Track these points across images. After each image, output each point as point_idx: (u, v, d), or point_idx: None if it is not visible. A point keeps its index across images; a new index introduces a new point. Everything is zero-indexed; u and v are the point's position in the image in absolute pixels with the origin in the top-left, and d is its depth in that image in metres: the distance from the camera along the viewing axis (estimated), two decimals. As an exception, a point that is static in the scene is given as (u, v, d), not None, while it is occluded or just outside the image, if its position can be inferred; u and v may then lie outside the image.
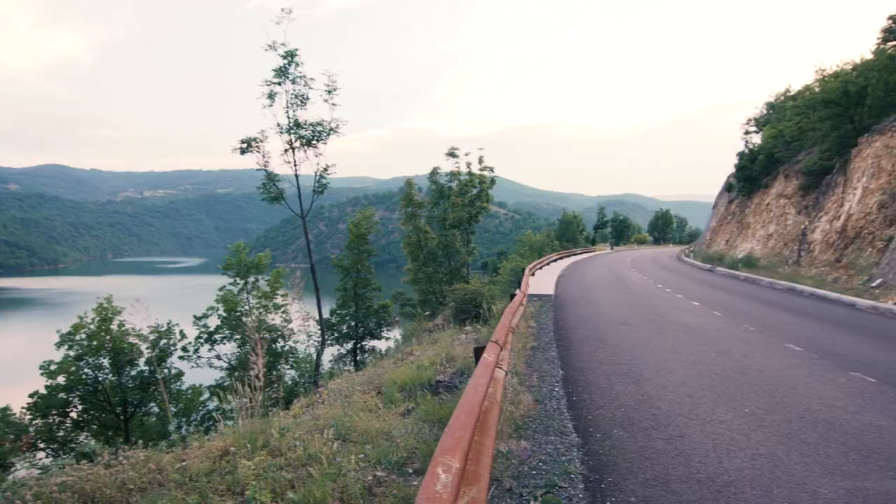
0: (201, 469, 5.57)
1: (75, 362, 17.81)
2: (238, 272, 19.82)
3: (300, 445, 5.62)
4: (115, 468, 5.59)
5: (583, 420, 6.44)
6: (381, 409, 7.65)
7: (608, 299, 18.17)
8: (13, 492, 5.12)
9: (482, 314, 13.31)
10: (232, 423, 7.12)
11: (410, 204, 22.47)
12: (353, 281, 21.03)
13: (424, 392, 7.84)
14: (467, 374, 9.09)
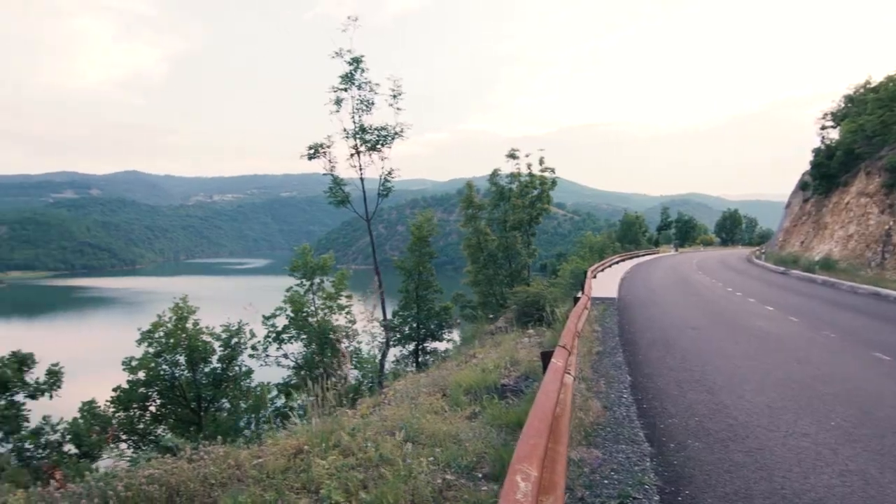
0: (277, 466, 5.73)
1: (154, 359, 18.76)
2: (304, 273, 20.37)
3: (371, 446, 5.72)
4: (198, 463, 5.85)
5: (654, 429, 6.26)
6: (447, 411, 7.66)
7: (675, 303, 17.63)
8: (106, 482, 5.43)
9: (545, 317, 13.17)
10: (304, 420, 7.32)
11: (471, 206, 22.45)
12: (414, 283, 21.22)
13: (490, 396, 7.82)
14: (532, 378, 9.02)
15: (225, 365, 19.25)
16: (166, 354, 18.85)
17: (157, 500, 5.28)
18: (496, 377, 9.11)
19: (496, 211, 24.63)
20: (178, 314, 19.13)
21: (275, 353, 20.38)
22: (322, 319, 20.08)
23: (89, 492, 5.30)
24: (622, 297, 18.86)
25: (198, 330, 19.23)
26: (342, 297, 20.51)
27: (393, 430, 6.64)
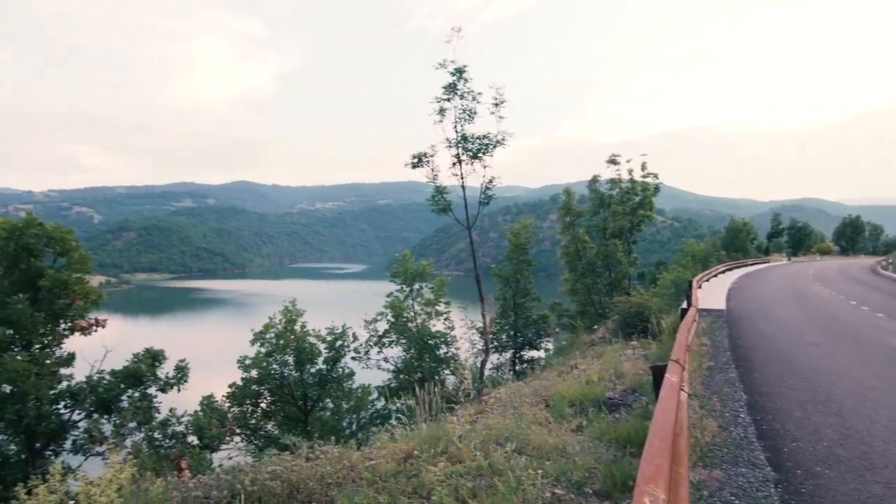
0: (388, 470, 5.86)
1: (265, 358, 19.88)
2: (404, 279, 20.84)
3: (481, 455, 5.73)
4: (315, 462, 6.11)
5: (777, 452, 5.85)
6: (551, 423, 7.55)
7: (791, 316, 16.38)
8: (234, 476, 5.79)
9: (650, 329, 12.66)
10: (411, 424, 7.46)
11: (569, 213, 22.02)
12: (512, 290, 21.13)
13: (595, 409, 7.63)
14: (639, 392, 8.69)
15: (329, 366, 20.03)
16: (276, 354, 19.90)
17: (279, 495, 5.55)
18: (600, 390, 8.87)
19: (595, 218, 24.02)
20: (287, 317, 20.17)
21: (376, 357, 20.95)
22: (421, 325, 20.45)
23: (219, 484, 5.67)
24: (731, 309, 17.78)
25: (305, 332, 20.17)
26: (441, 304, 20.80)
27: (499, 439, 6.61)
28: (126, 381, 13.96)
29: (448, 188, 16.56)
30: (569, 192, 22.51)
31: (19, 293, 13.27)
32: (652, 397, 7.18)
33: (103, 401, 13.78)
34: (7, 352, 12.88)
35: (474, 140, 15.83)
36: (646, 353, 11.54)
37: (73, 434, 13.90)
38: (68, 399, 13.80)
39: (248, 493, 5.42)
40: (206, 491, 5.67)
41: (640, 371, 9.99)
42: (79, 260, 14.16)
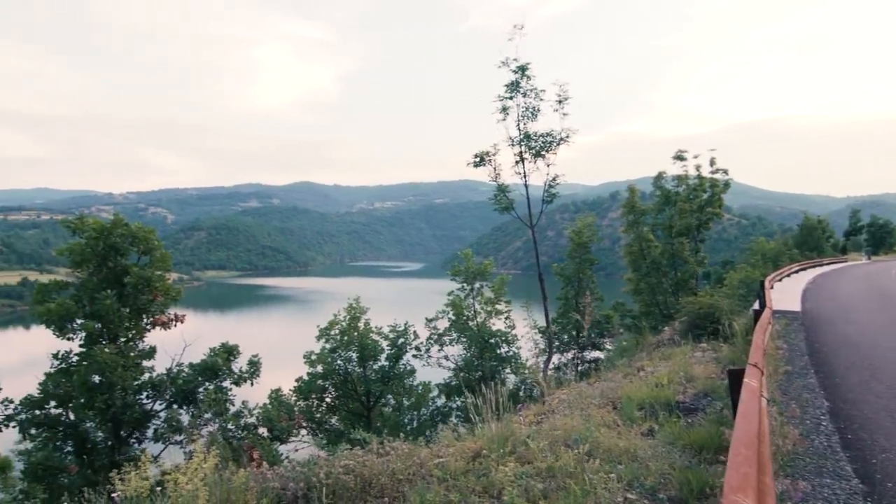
0: (458, 468, 5.88)
1: (330, 354, 20.39)
2: (465, 278, 20.88)
3: (551, 457, 5.68)
4: (386, 457, 6.21)
5: (865, 463, 5.52)
6: (619, 426, 7.39)
7: (874, 320, 15.38)
8: (309, 469, 5.96)
9: (721, 331, 12.19)
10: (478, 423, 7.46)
11: (633, 211, 21.41)
12: (574, 290, 20.80)
13: (666, 413, 7.42)
14: (711, 396, 8.39)
15: (392, 363, 20.34)
16: (341, 350, 20.37)
17: (353, 490, 5.66)
18: (670, 393, 8.61)
19: (660, 216, 23.26)
20: (351, 314, 20.61)
21: (436, 355, 21.10)
22: (481, 323, 20.45)
23: (295, 476, 5.85)
24: (807, 311, 16.86)
25: (368, 329, 20.55)
26: (501, 303, 20.73)
27: (567, 441, 6.53)
28: (203, 374, 14.64)
29: (510, 186, 16.44)
30: (633, 189, 21.83)
31: (107, 289, 14.13)
32: (727, 402, 6.93)
33: (182, 392, 14.50)
34: (96, 344, 13.79)
35: (537, 138, 15.63)
36: (717, 356, 11.12)
37: (154, 423, 14.72)
38: (150, 390, 14.60)
39: (323, 485, 5.57)
40: (283, 482, 5.85)
41: (712, 374, 9.66)
42: (160, 258, 14.96)
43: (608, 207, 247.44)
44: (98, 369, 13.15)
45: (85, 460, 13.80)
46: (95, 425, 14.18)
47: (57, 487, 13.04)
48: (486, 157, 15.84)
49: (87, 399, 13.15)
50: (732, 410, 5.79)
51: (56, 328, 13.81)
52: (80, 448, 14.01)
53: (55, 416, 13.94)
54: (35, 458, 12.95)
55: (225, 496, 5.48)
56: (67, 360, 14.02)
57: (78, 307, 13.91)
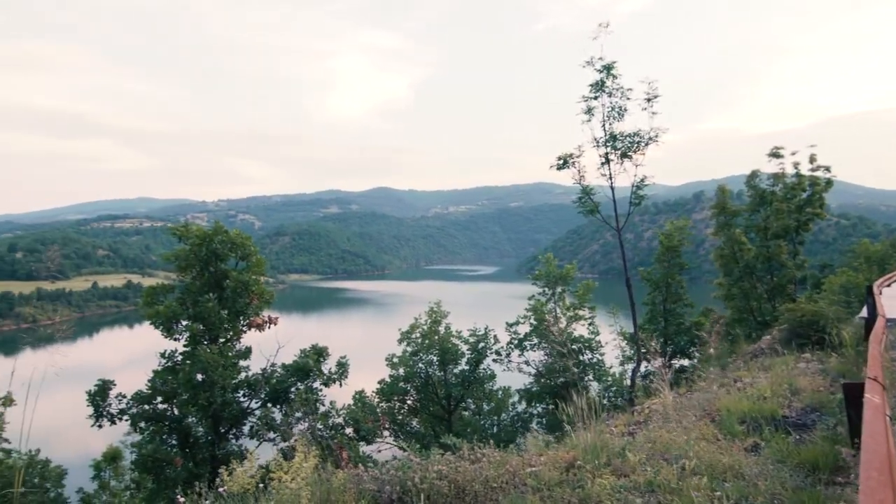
0: (552, 478, 5.75)
1: (412, 357, 20.66)
2: (546, 283, 20.57)
3: (651, 471, 5.46)
4: (479, 464, 6.18)
5: None
6: (720, 440, 7.02)
7: None
8: (403, 472, 6.02)
9: (827, 340, 11.33)
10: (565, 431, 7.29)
11: (724, 212, 20.23)
12: (662, 295, 19.97)
13: (771, 428, 6.97)
14: (821, 412, 7.81)
15: (472, 367, 20.33)
16: (422, 354, 20.58)
17: (447, 495, 5.66)
18: (774, 406, 8.08)
19: (754, 217, 21.85)
20: (432, 318, 20.80)
21: (517, 360, 20.89)
22: (564, 329, 20.06)
23: (391, 479, 5.92)
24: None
25: (449, 333, 20.66)
26: (584, 308, 20.26)
27: (665, 454, 6.27)
28: (295, 374, 15.20)
29: (594, 188, 15.97)
30: (723, 189, 20.59)
31: (209, 293, 15.01)
32: (840, 418, 6.42)
33: (275, 391, 15.13)
34: (199, 345, 14.65)
35: (624, 138, 15.12)
36: (823, 368, 10.34)
37: (250, 420, 15.43)
38: (246, 388, 15.32)
39: (419, 490, 5.60)
40: (379, 485, 5.94)
41: (820, 388, 8.99)
42: (256, 263, 15.72)
43: (691, 209, 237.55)
44: (201, 368, 13.96)
45: (188, 454, 14.67)
46: (197, 421, 15.04)
47: (163, 479, 13.93)
48: (569, 160, 15.47)
49: (190, 396, 13.97)
50: (849, 428, 5.37)
51: (164, 329, 14.79)
52: (184, 442, 14.90)
53: (161, 412, 14.91)
54: (145, 451, 13.91)
55: (325, 496, 5.62)
56: (173, 359, 14.99)
57: (182, 309, 14.85)
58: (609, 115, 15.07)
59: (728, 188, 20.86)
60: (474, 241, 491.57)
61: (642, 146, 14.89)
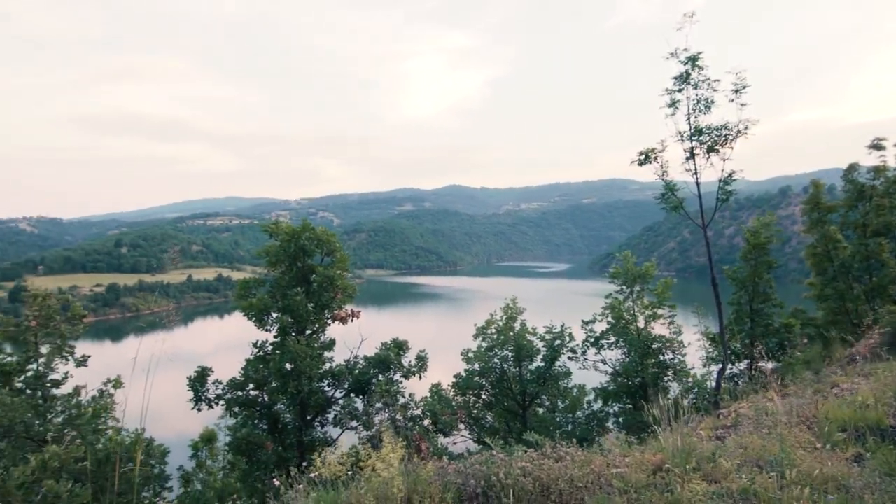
0: (639, 480, 5.59)
1: (487, 352, 20.65)
2: (625, 281, 19.99)
3: (745, 479, 5.20)
4: (563, 463, 6.09)
5: None
6: (818, 448, 6.59)
7: None
8: (487, 467, 6.02)
9: (938, 347, 10.41)
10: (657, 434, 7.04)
11: (817, 208, 18.79)
12: (748, 295, 18.89)
13: (877, 438, 6.49)
14: (934, 423, 7.20)
15: (547, 364, 20.08)
16: (497, 349, 20.54)
17: (531, 493, 5.61)
18: (878, 415, 7.50)
19: (852, 213, 20.16)
20: (507, 314, 20.72)
21: (593, 358, 20.44)
22: (643, 328, 19.44)
23: (475, 473, 5.94)
24: None
25: (524, 329, 20.50)
26: (664, 307, 19.55)
27: (757, 460, 5.97)
28: (376, 366, 15.59)
29: (677, 184, 15.28)
30: (817, 183, 19.07)
31: (297, 287, 15.66)
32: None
33: (358, 382, 15.57)
34: (288, 336, 15.32)
35: (711, 131, 14.35)
36: (934, 376, 9.51)
37: (334, 409, 15.96)
38: (330, 379, 15.85)
39: (503, 486, 5.59)
40: (464, 478, 5.96)
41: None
42: (340, 259, 16.23)
43: (776, 204, 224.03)
44: (290, 358, 14.58)
45: (277, 438, 15.36)
46: (286, 408, 15.70)
47: (255, 461, 14.65)
48: (651, 154, 14.88)
49: (280, 384, 14.62)
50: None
51: (256, 320, 15.55)
52: (273, 427, 15.61)
53: (253, 398, 15.67)
54: (240, 434, 14.69)
55: (412, 486, 5.71)
56: (264, 349, 15.73)
57: (273, 302, 15.55)
58: (695, 108, 14.37)
59: (822, 182, 19.36)
60: (546, 237, 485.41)
61: (731, 139, 14.11)
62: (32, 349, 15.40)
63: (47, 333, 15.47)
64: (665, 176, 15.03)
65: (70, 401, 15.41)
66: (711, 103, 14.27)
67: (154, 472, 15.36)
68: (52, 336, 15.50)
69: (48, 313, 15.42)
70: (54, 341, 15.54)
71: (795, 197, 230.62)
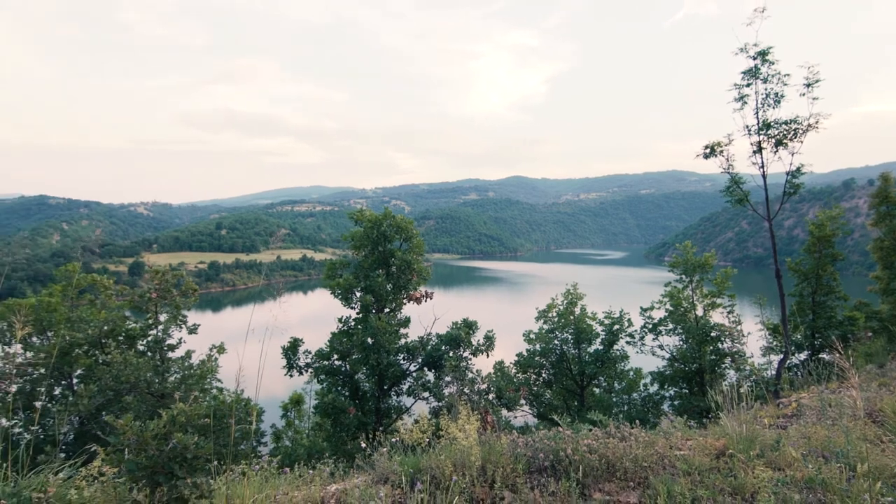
0: (702, 464, 5.45)
1: (548, 334, 20.49)
2: (684, 270, 19.28)
3: (812, 467, 4.98)
4: (627, 443, 6.02)
5: None
6: (884, 442, 6.20)
7: None
8: (556, 443, 6.03)
9: None
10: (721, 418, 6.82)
11: (885, 202, 17.32)
12: (811, 287, 17.72)
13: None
14: None
15: (605, 347, 19.72)
16: (557, 331, 20.35)
17: (597, 469, 5.59)
18: (952, 412, 6.98)
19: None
20: (568, 298, 20.46)
21: (650, 343, 19.90)
22: (701, 316, 18.71)
23: (544, 448, 5.96)
24: None
25: (584, 314, 20.20)
26: (724, 296, 18.73)
27: (822, 451, 5.68)
28: (448, 343, 15.80)
29: (742, 177, 14.49)
30: (886, 176, 17.58)
31: (378, 269, 16.07)
32: None
33: (430, 357, 15.85)
34: (369, 313, 15.79)
35: (780, 125, 13.49)
36: None
37: (408, 381, 16.33)
38: (405, 353, 16.20)
39: (570, 461, 5.60)
40: (533, 452, 6.01)
41: None
42: (416, 245, 16.50)
43: (839, 197, 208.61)
44: (371, 333, 15.01)
45: (357, 405, 15.90)
46: (366, 378, 16.21)
47: (339, 424, 15.24)
48: (717, 148, 14.15)
49: (362, 356, 15.08)
50: None
51: (342, 298, 16.09)
52: (354, 394, 16.16)
53: (337, 367, 16.26)
54: (326, 399, 15.31)
55: (487, 455, 5.81)
56: (347, 324, 16.27)
57: (357, 282, 16.03)
58: (763, 102, 13.53)
59: (892, 175, 17.82)
60: (603, 226, 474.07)
61: (800, 133, 13.20)
62: (153, 317, 16.62)
63: (165, 304, 16.64)
64: (731, 169, 14.29)
65: (183, 363, 16.58)
66: (781, 97, 13.40)
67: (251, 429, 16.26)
68: (169, 306, 16.65)
69: (166, 287, 16.57)
70: (171, 311, 16.69)
71: (860, 190, 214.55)
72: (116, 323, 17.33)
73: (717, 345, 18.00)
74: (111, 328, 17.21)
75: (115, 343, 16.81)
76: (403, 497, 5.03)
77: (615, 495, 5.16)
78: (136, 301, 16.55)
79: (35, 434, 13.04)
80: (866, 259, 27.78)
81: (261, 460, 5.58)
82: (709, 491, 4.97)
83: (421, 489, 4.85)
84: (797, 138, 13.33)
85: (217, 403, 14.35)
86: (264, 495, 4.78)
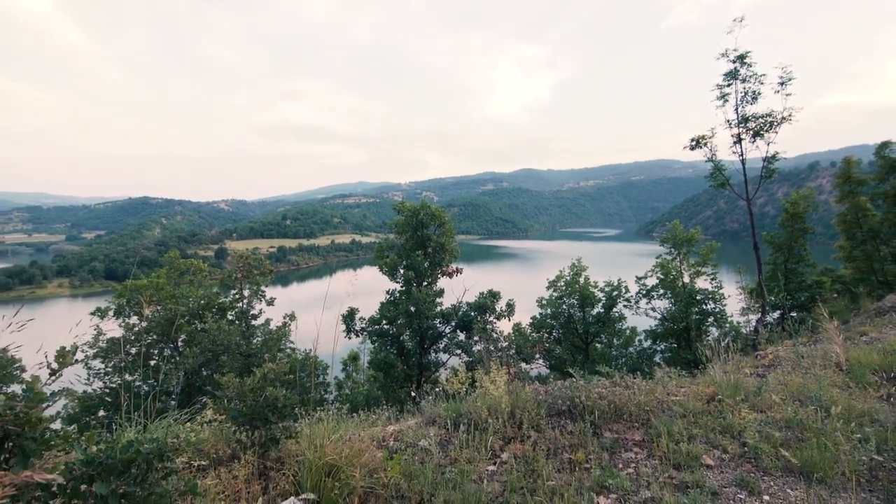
0: (696, 408, 5.40)
1: (557, 300, 20.39)
2: (673, 244, 18.86)
3: (790, 409, 4.90)
4: (631, 391, 6.00)
5: None
6: (851, 387, 6.04)
7: None
8: (571, 391, 6.04)
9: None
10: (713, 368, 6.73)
11: (848, 181, 16.61)
12: (784, 256, 17.17)
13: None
14: (958, 370, 6.33)
15: (606, 310, 19.52)
16: (565, 298, 20.21)
17: (607, 412, 5.59)
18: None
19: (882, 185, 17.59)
20: (574, 270, 20.27)
21: (644, 306, 19.62)
22: (687, 283, 18.34)
23: (562, 395, 5.98)
24: None
25: (587, 283, 19.99)
26: (708, 266, 18.29)
27: (799, 396, 5.58)
28: (476, 309, 15.91)
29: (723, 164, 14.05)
30: (849, 159, 16.85)
31: (417, 251, 16.18)
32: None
33: (462, 321, 15.99)
34: (411, 286, 15.96)
35: (757, 119, 13.01)
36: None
37: (444, 340, 16.52)
38: (441, 318, 16.37)
39: (584, 406, 5.61)
40: (552, 399, 6.03)
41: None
42: (448, 230, 16.55)
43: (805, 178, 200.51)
44: (413, 302, 15.20)
45: (403, 360, 16.18)
46: (409, 338, 16.45)
47: (389, 376, 15.54)
48: (702, 140, 13.73)
49: (406, 321, 15.30)
50: None
51: (389, 274, 16.27)
52: (400, 352, 16.43)
53: (386, 331, 16.52)
54: (378, 356, 15.62)
55: (514, 402, 5.87)
56: (393, 296, 16.47)
57: (400, 261, 16.18)
58: (742, 100, 13.01)
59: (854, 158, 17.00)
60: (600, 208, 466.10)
61: (775, 125, 12.68)
62: (239, 293, 17.09)
63: (248, 282, 17.07)
64: (714, 158, 13.84)
65: (264, 329, 17.06)
66: (758, 95, 12.86)
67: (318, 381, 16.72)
68: (252, 284, 17.08)
69: (248, 268, 16.98)
70: (252, 287, 17.13)
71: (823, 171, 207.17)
72: (210, 298, 17.88)
73: (702, 306, 17.65)
74: (207, 302, 17.78)
75: (210, 314, 17.39)
76: (448, 436, 5.12)
77: (623, 434, 5.17)
78: (226, 280, 17.01)
79: (152, 387, 13.65)
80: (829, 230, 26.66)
81: (332, 406, 5.74)
82: (702, 430, 4.96)
83: (463, 429, 4.94)
84: (772, 129, 12.80)
85: (292, 362, 14.85)
86: (338, 435, 4.93)
